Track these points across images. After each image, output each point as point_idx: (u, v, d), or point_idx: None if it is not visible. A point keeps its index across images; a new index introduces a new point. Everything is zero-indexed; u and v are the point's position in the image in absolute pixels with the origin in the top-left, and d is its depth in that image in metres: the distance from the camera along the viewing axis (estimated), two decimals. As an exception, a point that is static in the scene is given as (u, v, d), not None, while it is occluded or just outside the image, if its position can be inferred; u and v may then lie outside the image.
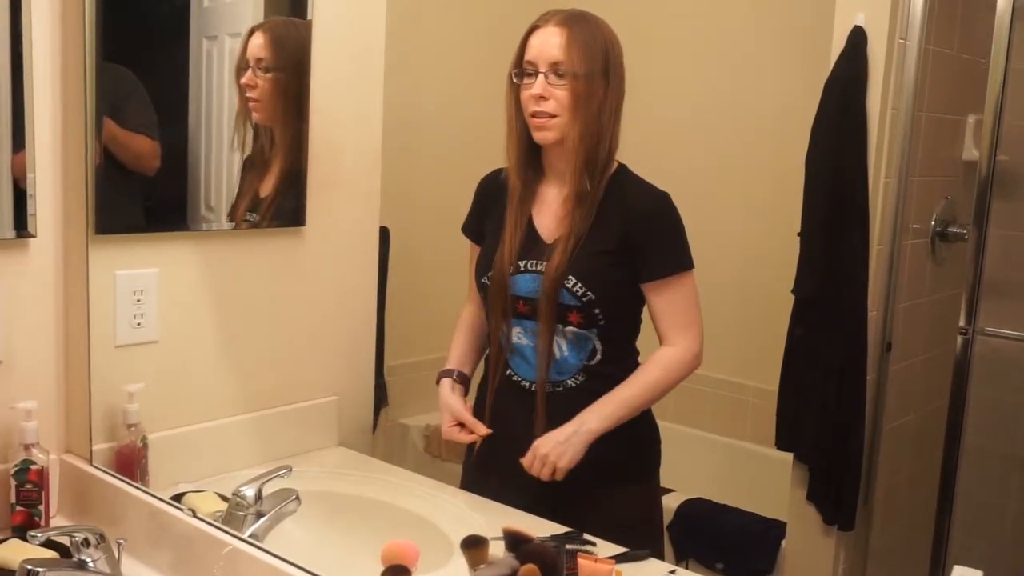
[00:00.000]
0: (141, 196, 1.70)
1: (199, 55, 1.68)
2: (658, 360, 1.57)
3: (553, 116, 1.52)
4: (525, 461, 1.54)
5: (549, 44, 1.51)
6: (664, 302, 1.56)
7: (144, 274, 1.63)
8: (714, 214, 2.40)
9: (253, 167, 1.77)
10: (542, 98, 1.51)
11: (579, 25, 1.52)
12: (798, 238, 1.91)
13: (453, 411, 1.64)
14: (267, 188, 1.77)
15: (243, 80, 1.71)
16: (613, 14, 1.58)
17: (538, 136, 1.55)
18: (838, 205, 1.86)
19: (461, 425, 1.63)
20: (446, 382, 1.68)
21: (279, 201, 1.79)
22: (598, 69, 1.52)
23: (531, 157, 1.60)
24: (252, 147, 1.76)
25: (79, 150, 1.57)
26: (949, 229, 2.15)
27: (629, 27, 1.63)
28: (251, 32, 1.71)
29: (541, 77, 1.51)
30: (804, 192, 1.89)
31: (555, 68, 1.51)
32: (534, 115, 1.53)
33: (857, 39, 1.83)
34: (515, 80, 1.56)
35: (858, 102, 1.84)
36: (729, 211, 2.53)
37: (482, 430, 1.62)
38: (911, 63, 1.89)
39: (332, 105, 1.82)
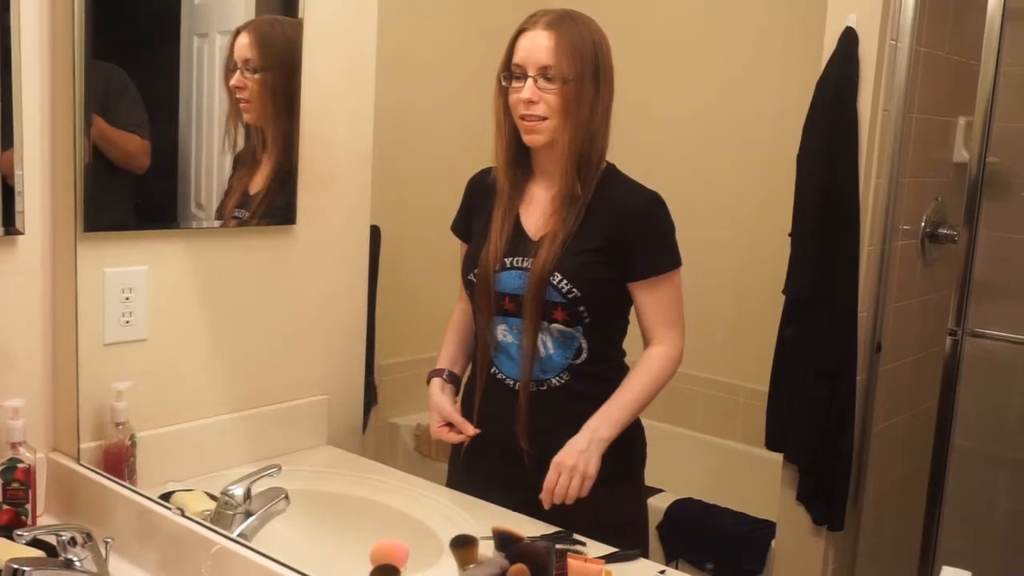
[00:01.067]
0: (131, 194, 1.69)
1: (190, 53, 1.68)
2: (652, 360, 1.57)
3: (543, 119, 1.51)
4: (549, 481, 1.50)
5: (538, 48, 1.50)
6: (652, 300, 1.56)
7: (133, 272, 1.62)
8: (705, 214, 2.40)
9: (244, 165, 1.77)
10: (531, 102, 1.50)
11: (567, 27, 1.51)
12: (789, 238, 1.91)
13: (442, 411, 1.64)
14: (258, 185, 1.77)
15: (232, 82, 1.70)
16: (605, 14, 1.58)
17: (528, 139, 1.55)
18: (829, 206, 1.86)
19: (450, 425, 1.63)
20: (436, 382, 1.67)
21: (270, 199, 1.79)
22: (588, 71, 1.51)
23: (520, 158, 1.60)
24: (244, 146, 1.76)
25: (68, 148, 1.57)
26: (939, 230, 2.16)
27: (621, 28, 1.63)
28: (237, 32, 1.71)
29: (530, 81, 1.50)
30: (795, 192, 1.89)
31: (544, 72, 1.50)
32: (523, 118, 1.53)
33: (848, 40, 1.83)
34: (503, 83, 1.55)
35: (849, 103, 1.84)
36: (720, 211, 2.53)
37: (470, 430, 1.61)
38: (902, 64, 1.89)
39: (323, 103, 1.81)
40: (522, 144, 1.57)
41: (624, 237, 1.54)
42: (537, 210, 1.59)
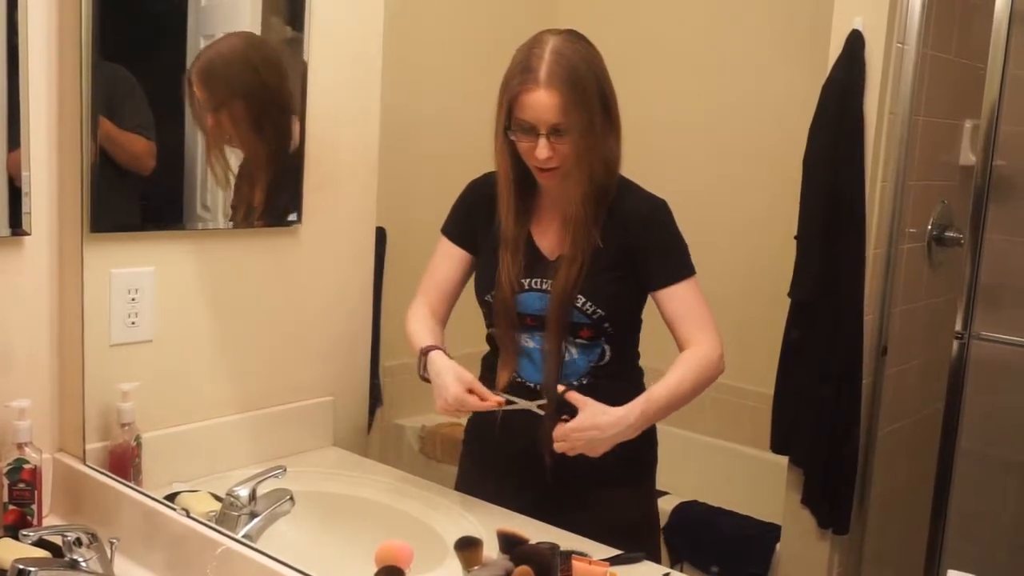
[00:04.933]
0: (137, 195, 1.70)
1: (196, 54, 1.68)
2: (686, 358, 1.51)
3: (559, 166, 1.49)
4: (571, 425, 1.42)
5: (545, 109, 1.45)
6: (679, 306, 1.53)
7: (139, 273, 1.62)
8: (712, 217, 2.40)
9: (243, 178, 1.76)
10: (548, 158, 1.46)
11: (568, 75, 1.45)
12: (795, 241, 1.91)
13: (464, 376, 1.50)
14: (258, 197, 1.77)
15: (210, 127, 1.70)
16: (611, 20, 1.57)
17: (546, 185, 1.53)
18: (835, 209, 1.86)
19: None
20: (439, 353, 1.54)
21: (274, 202, 1.79)
22: (596, 111, 1.47)
23: (528, 191, 1.56)
24: (239, 163, 1.76)
25: (75, 149, 1.57)
26: (946, 233, 2.15)
27: (627, 32, 1.63)
28: (189, 78, 1.67)
29: (543, 140, 1.45)
30: (801, 195, 1.89)
31: (555, 129, 1.45)
32: (538, 168, 1.50)
33: (855, 43, 1.83)
34: (510, 137, 1.50)
35: (855, 106, 1.84)
36: (726, 214, 2.52)
37: (497, 399, 1.49)
38: (909, 67, 1.89)
39: (329, 105, 1.81)
40: (531, 180, 1.54)
41: (638, 246, 1.53)
42: (551, 228, 1.57)
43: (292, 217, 1.80)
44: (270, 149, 1.79)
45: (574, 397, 1.44)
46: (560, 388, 1.45)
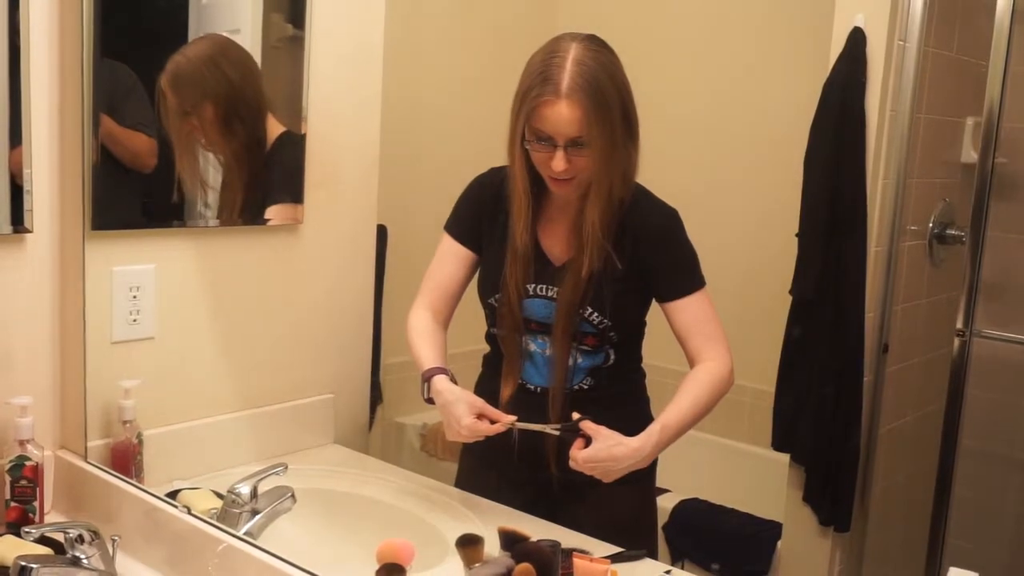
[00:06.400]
0: (138, 193, 1.70)
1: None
2: (698, 373, 1.51)
3: (574, 177, 1.46)
4: (588, 452, 1.41)
5: (565, 122, 1.41)
6: (689, 319, 1.52)
7: (141, 270, 1.62)
8: (713, 215, 2.39)
9: (228, 181, 1.77)
10: (564, 170, 1.44)
11: (590, 87, 1.40)
12: (796, 239, 1.91)
13: (474, 403, 1.49)
14: (239, 192, 1.77)
15: (183, 131, 1.69)
16: (612, 17, 1.57)
17: (561, 195, 1.51)
18: (836, 206, 1.86)
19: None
20: (443, 378, 1.52)
21: (255, 200, 1.79)
22: (618, 123, 1.44)
23: (537, 198, 1.54)
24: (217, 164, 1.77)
25: (76, 146, 1.57)
26: (947, 231, 2.15)
27: (629, 29, 1.62)
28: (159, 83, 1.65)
29: (560, 152, 1.42)
30: (802, 193, 1.89)
31: (575, 141, 1.42)
32: (554, 179, 1.47)
33: (856, 40, 1.83)
34: (526, 146, 1.47)
35: (857, 103, 1.84)
36: (728, 212, 2.52)
37: (509, 419, 1.48)
38: (910, 65, 1.88)
39: (330, 103, 1.81)
40: (543, 187, 1.52)
41: (647, 259, 1.52)
42: (559, 233, 1.55)
43: (269, 215, 1.80)
44: (246, 149, 1.78)
45: (588, 426, 1.43)
46: (575, 415, 1.44)
